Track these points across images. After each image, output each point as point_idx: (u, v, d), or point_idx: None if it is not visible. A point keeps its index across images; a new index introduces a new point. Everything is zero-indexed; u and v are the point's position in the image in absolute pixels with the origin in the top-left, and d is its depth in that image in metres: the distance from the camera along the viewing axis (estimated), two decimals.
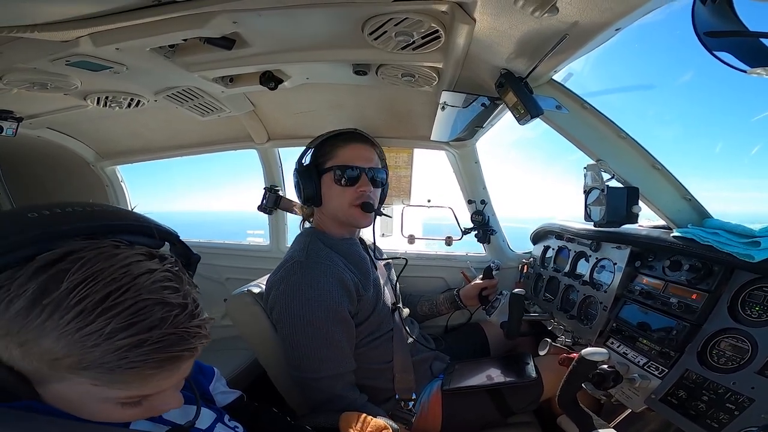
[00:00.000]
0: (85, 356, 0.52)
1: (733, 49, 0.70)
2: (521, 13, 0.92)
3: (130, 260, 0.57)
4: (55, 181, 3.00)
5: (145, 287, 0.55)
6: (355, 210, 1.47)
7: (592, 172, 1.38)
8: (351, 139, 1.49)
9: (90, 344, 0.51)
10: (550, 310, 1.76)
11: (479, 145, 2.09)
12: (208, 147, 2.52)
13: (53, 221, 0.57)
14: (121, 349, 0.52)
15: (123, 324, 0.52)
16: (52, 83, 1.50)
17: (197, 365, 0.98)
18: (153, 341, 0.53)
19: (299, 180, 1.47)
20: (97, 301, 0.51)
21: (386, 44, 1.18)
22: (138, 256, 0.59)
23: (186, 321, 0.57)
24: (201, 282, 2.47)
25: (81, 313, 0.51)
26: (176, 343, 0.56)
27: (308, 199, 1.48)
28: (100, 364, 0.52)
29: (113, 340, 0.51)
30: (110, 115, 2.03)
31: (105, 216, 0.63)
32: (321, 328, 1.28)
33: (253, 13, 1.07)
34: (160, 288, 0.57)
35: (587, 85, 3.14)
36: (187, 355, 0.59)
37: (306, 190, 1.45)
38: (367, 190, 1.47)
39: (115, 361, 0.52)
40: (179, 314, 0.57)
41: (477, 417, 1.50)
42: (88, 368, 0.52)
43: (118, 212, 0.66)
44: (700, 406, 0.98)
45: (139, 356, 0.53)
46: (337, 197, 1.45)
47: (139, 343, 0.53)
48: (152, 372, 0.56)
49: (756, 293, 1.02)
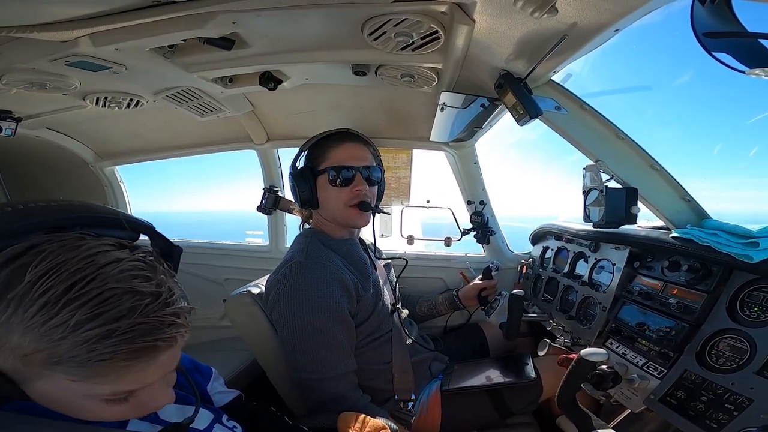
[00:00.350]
0: (54, 350, 0.50)
1: (731, 49, 0.70)
2: (520, 14, 0.92)
3: (95, 250, 0.55)
4: (54, 181, 3.00)
5: (112, 276, 0.54)
6: (352, 210, 1.46)
7: (591, 172, 1.38)
8: (343, 139, 1.48)
9: (57, 337, 0.50)
10: (549, 310, 1.77)
11: (478, 146, 2.10)
12: (207, 147, 2.52)
13: (15, 217, 0.57)
14: (89, 341, 0.50)
15: (89, 315, 0.50)
16: (52, 83, 1.50)
17: (194, 365, 0.97)
18: (122, 331, 0.52)
19: (294, 183, 1.46)
20: (60, 293, 0.50)
21: (386, 45, 1.19)
22: (105, 246, 0.57)
23: (159, 309, 0.55)
24: (200, 283, 2.48)
25: (45, 306, 0.50)
26: (148, 332, 0.54)
27: (305, 203, 1.48)
28: (69, 357, 0.51)
29: (79, 332, 0.50)
30: (109, 115, 2.03)
31: (70, 209, 0.63)
32: (322, 329, 1.28)
33: (252, 14, 1.06)
34: (129, 277, 0.55)
35: (586, 86, 3.15)
36: (163, 345, 0.56)
37: (302, 193, 1.44)
38: (363, 189, 1.46)
39: (85, 353, 0.51)
40: (150, 303, 0.55)
41: (476, 417, 1.50)
42: (59, 363, 0.51)
43: (86, 206, 0.65)
44: (699, 406, 0.98)
45: (108, 347, 0.51)
46: (333, 198, 1.45)
47: (107, 334, 0.51)
48: (126, 364, 0.53)
49: (755, 294, 1.02)
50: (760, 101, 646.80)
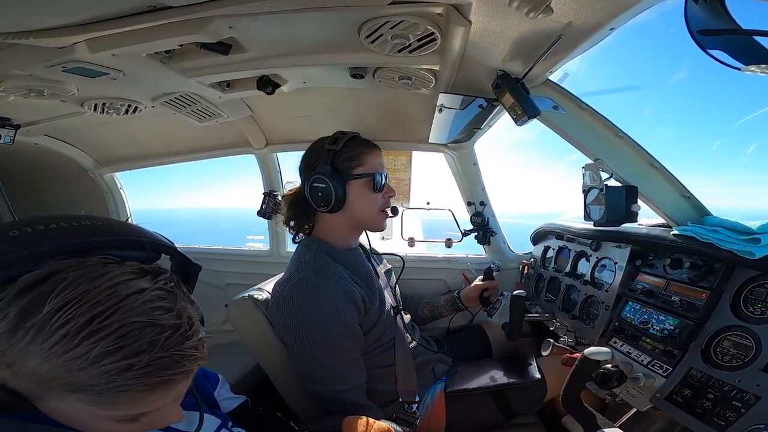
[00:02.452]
0: (72, 379, 0.51)
1: (726, 47, 0.70)
2: (516, 15, 0.92)
3: (117, 280, 0.55)
4: (53, 188, 3.00)
5: (134, 309, 0.53)
6: (382, 215, 1.51)
7: (590, 171, 1.38)
8: (371, 145, 1.50)
9: (76, 368, 0.50)
10: (552, 310, 1.76)
11: (477, 147, 2.10)
12: (206, 153, 2.52)
13: (35, 240, 0.55)
14: (109, 373, 0.51)
15: (110, 348, 0.50)
16: (49, 90, 1.49)
17: (201, 371, 0.97)
18: (142, 365, 0.52)
19: (330, 184, 1.37)
20: (81, 325, 0.50)
21: (382, 47, 1.18)
22: (128, 274, 0.57)
23: (179, 343, 0.55)
24: (202, 288, 2.46)
25: (65, 337, 0.49)
26: (168, 366, 0.54)
27: (336, 204, 1.40)
28: (88, 386, 0.51)
29: (100, 365, 0.50)
30: (108, 121, 2.02)
31: (91, 232, 0.61)
32: (338, 343, 1.28)
33: (248, 18, 1.06)
34: (151, 309, 0.55)
35: (584, 85, 3.15)
36: (180, 378, 0.57)
37: (337, 194, 1.38)
38: (393, 194, 1.53)
39: (104, 384, 0.51)
40: (171, 336, 0.55)
41: (481, 418, 1.49)
42: (76, 390, 0.52)
43: (107, 227, 0.64)
44: (706, 404, 0.97)
45: (128, 380, 0.52)
46: (369, 203, 1.46)
47: (127, 368, 0.51)
48: (143, 395, 0.54)
49: (758, 290, 1.02)
50: (758, 97, 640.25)
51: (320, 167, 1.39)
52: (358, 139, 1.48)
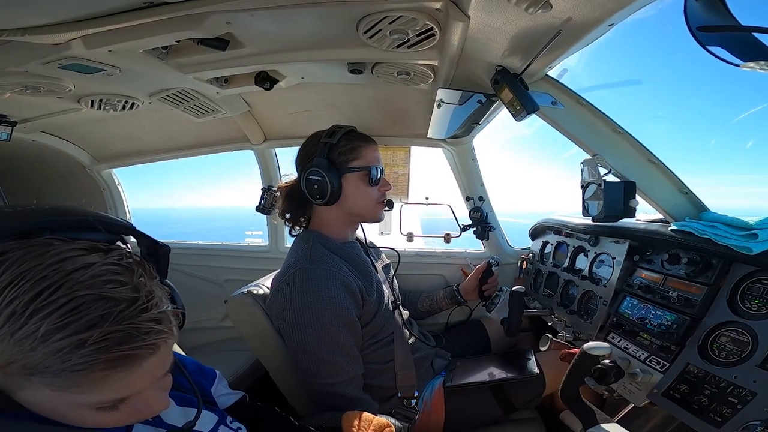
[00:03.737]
0: (27, 361, 0.49)
1: (725, 43, 0.70)
2: (515, 10, 0.92)
3: (63, 256, 0.53)
4: (51, 185, 2.99)
5: (81, 283, 0.51)
6: (379, 207, 1.52)
7: (588, 167, 1.38)
8: (368, 139, 1.50)
9: (27, 348, 0.49)
10: (550, 305, 1.77)
11: (476, 142, 2.09)
12: (204, 148, 2.51)
13: None
14: (62, 351, 0.49)
15: (58, 324, 0.49)
16: (45, 86, 1.49)
17: (199, 367, 0.97)
18: (94, 340, 0.49)
19: (326, 177, 1.39)
20: (26, 302, 0.49)
21: (381, 43, 1.18)
22: (75, 251, 0.55)
23: (134, 316, 0.53)
24: (200, 284, 2.48)
25: (12, 316, 0.48)
26: (124, 340, 0.52)
27: (326, 197, 1.41)
28: (44, 368, 0.49)
29: (49, 342, 0.48)
30: (105, 117, 2.02)
31: (39, 214, 0.60)
32: (334, 334, 1.28)
33: (246, 14, 1.06)
34: (101, 283, 0.53)
35: (582, 81, 3.15)
36: (142, 353, 0.54)
37: (333, 188, 1.40)
38: (390, 188, 1.54)
39: (59, 364, 0.49)
40: (125, 309, 0.52)
41: (480, 413, 1.51)
42: (34, 373, 0.50)
43: (55, 209, 0.62)
44: (702, 400, 0.98)
45: (82, 357, 0.49)
46: (366, 196, 1.47)
47: (79, 344, 0.49)
48: (104, 374, 0.52)
49: (755, 286, 1.02)
50: (756, 94, 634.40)
51: (316, 160, 1.40)
52: (354, 132, 1.49)
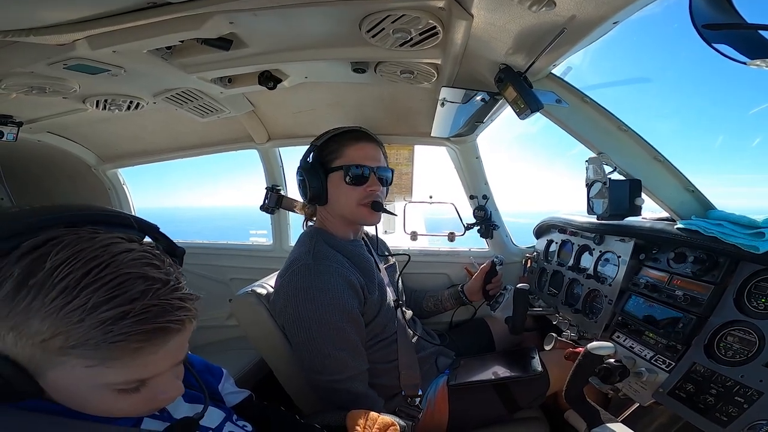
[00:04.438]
0: (71, 333, 0.53)
1: (731, 41, 0.70)
2: (519, 8, 0.91)
3: (109, 241, 0.60)
4: (57, 185, 3.01)
5: (125, 263, 0.58)
6: (363, 209, 1.46)
7: (593, 165, 1.37)
8: (358, 138, 1.48)
9: (75, 320, 0.53)
10: (555, 304, 1.76)
11: (480, 141, 2.09)
12: (208, 148, 2.52)
13: (32, 214, 0.60)
14: (105, 323, 0.53)
15: (105, 297, 0.54)
16: (51, 87, 1.49)
17: (206, 366, 0.98)
18: (135, 312, 0.55)
19: (305, 178, 1.43)
20: (78, 278, 0.54)
21: (384, 41, 1.18)
22: (116, 239, 0.61)
23: (168, 293, 0.59)
24: (205, 283, 2.48)
25: (64, 290, 0.53)
26: (159, 314, 0.57)
27: (313, 198, 1.46)
28: (86, 340, 0.54)
29: (96, 314, 0.53)
30: (110, 118, 2.02)
31: (83, 208, 0.67)
32: (338, 330, 1.28)
33: (249, 13, 1.06)
34: (141, 264, 0.59)
35: (587, 79, 3.09)
36: (173, 327, 0.59)
37: (312, 188, 1.42)
38: (377, 189, 1.47)
39: (101, 335, 0.54)
40: (161, 288, 0.59)
41: (484, 412, 1.50)
42: (75, 347, 0.54)
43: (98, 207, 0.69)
44: (708, 399, 0.97)
45: (123, 329, 0.54)
46: (345, 196, 1.44)
47: (122, 315, 0.54)
48: (139, 345, 0.56)
49: (762, 285, 1.01)
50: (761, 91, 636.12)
51: (303, 161, 1.46)
52: (348, 133, 1.49)
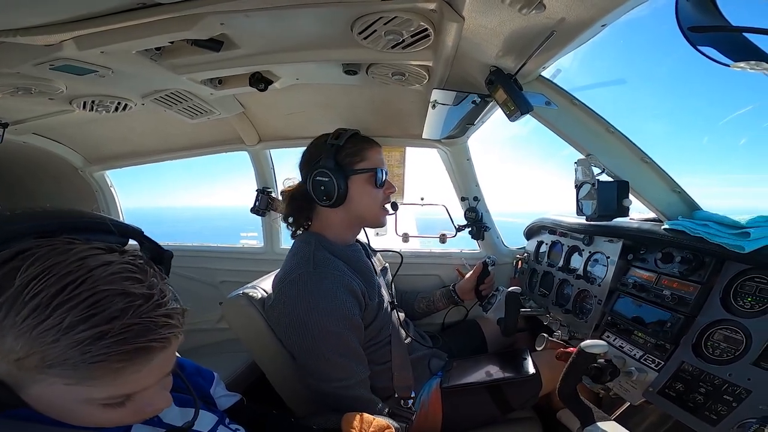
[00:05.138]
0: (47, 353, 0.50)
1: (716, 43, 0.71)
2: (509, 11, 0.92)
3: (85, 254, 0.56)
4: (43, 187, 2.95)
5: (103, 278, 0.54)
6: (383, 210, 1.53)
7: (582, 166, 1.38)
8: (373, 142, 1.52)
9: (49, 340, 0.50)
10: (546, 304, 1.78)
11: (471, 142, 2.09)
12: (198, 150, 2.49)
13: (2, 222, 0.57)
14: (83, 343, 0.50)
15: (81, 317, 0.50)
16: (37, 88, 1.47)
17: (197, 369, 0.97)
18: (115, 333, 0.52)
19: (332, 178, 1.39)
20: (52, 295, 0.50)
21: (376, 43, 1.18)
22: (94, 250, 0.57)
23: (151, 310, 0.56)
24: (195, 286, 2.46)
25: (36, 309, 0.50)
26: (141, 333, 0.54)
27: (333, 199, 1.41)
28: (63, 360, 0.50)
29: (72, 334, 0.50)
30: (97, 119, 1.99)
31: (57, 215, 0.63)
32: (342, 337, 1.28)
33: (240, 14, 1.05)
34: (120, 279, 0.55)
35: (576, 81, 3.14)
36: (156, 346, 0.56)
37: (340, 189, 1.40)
38: (394, 191, 1.55)
39: (79, 356, 0.50)
40: (142, 304, 0.55)
41: (477, 413, 1.51)
42: (52, 366, 0.51)
43: (73, 211, 0.66)
44: (698, 398, 0.98)
45: (101, 349, 0.51)
46: (371, 198, 1.48)
47: (100, 335, 0.51)
48: (120, 366, 0.53)
49: (748, 284, 1.03)
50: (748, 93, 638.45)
51: (323, 161, 1.41)
52: (359, 135, 1.50)
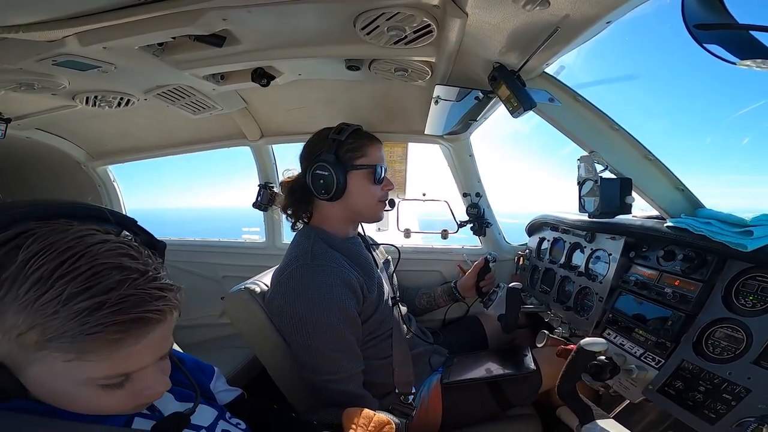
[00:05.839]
0: (47, 325, 0.52)
1: (722, 41, 0.71)
2: (513, 7, 0.91)
3: (83, 233, 0.58)
4: (46, 182, 2.97)
5: (101, 253, 0.57)
6: (380, 206, 1.54)
7: (585, 163, 1.38)
8: (374, 138, 1.52)
9: (50, 312, 0.52)
10: (547, 301, 1.77)
11: (473, 139, 2.09)
12: (200, 145, 2.50)
13: (3, 207, 0.60)
14: (81, 314, 0.52)
15: (80, 288, 0.53)
16: (39, 83, 1.47)
17: (197, 364, 0.97)
18: (112, 303, 0.54)
19: (332, 172, 1.40)
20: (52, 269, 0.53)
21: (378, 39, 1.17)
22: (91, 230, 0.60)
23: (146, 284, 0.58)
24: (197, 281, 2.47)
25: (38, 282, 0.52)
26: (137, 304, 0.56)
27: (331, 193, 1.42)
28: (62, 333, 0.52)
29: (71, 305, 0.52)
30: (100, 114, 2.01)
31: (56, 202, 0.66)
32: (335, 330, 1.29)
33: (242, 10, 1.05)
34: (116, 254, 0.58)
35: (579, 78, 3.08)
36: (153, 318, 0.58)
37: (339, 183, 1.41)
38: (392, 188, 1.55)
39: (77, 327, 0.52)
40: (138, 278, 0.58)
41: (477, 410, 1.51)
42: (52, 339, 0.53)
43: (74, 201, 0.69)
44: (697, 396, 0.98)
45: (99, 319, 0.53)
46: (369, 194, 1.49)
47: (98, 306, 0.53)
48: (117, 337, 0.55)
49: (749, 283, 1.03)
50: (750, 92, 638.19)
51: (324, 155, 1.42)
52: (361, 131, 1.51)
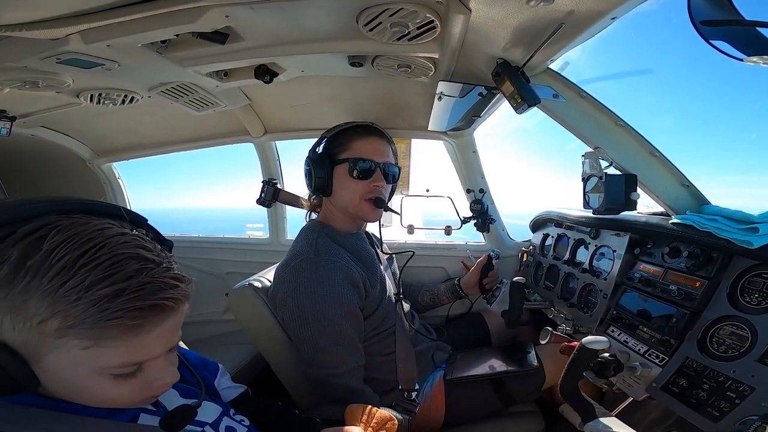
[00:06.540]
0: (69, 312, 0.55)
1: (729, 37, 0.70)
2: (517, 2, 0.91)
3: (102, 226, 0.62)
4: (51, 180, 2.99)
5: (120, 244, 0.60)
6: (365, 204, 1.49)
7: (590, 159, 1.37)
8: (368, 133, 1.50)
9: (72, 299, 0.54)
10: (551, 298, 1.77)
11: (477, 135, 2.08)
12: (204, 142, 2.51)
13: (27, 202, 0.62)
14: (102, 301, 0.55)
15: (101, 276, 0.56)
16: (44, 81, 1.48)
17: (202, 361, 0.98)
18: (131, 290, 0.57)
19: (311, 168, 1.45)
20: (75, 258, 0.56)
21: (381, 35, 1.17)
22: (108, 224, 0.64)
23: (161, 273, 0.61)
24: (201, 277, 2.48)
25: (62, 270, 0.55)
26: (154, 291, 0.59)
27: (318, 189, 1.46)
28: (83, 319, 0.55)
29: (93, 291, 0.55)
30: (104, 111, 2.02)
31: (75, 199, 0.69)
32: (336, 324, 1.29)
33: (245, 7, 1.05)
34: (134, 246, 0.62)
35: (584, 74, 3.07)
36: (168, 305, 0.61)
37: (318, 179, 1.43)
38: (381, 185, 1.49)
39: (98, 313, 0.55)
40: (154, 268, 0.61)
41: (480, 406, 1.52)
42: (73, 326, 0.55)
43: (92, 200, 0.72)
44: (701, 394, 0.98)
45: (119, 306, 0.56)
46: (349, 190, 1.46)
47: (118, 293, 0.56)
48: (135, 322, 0.58)
49: (755, 280, 1.02)
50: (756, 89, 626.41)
51: (310, 151, 1.46)
52: (359, 127, 1.50)
